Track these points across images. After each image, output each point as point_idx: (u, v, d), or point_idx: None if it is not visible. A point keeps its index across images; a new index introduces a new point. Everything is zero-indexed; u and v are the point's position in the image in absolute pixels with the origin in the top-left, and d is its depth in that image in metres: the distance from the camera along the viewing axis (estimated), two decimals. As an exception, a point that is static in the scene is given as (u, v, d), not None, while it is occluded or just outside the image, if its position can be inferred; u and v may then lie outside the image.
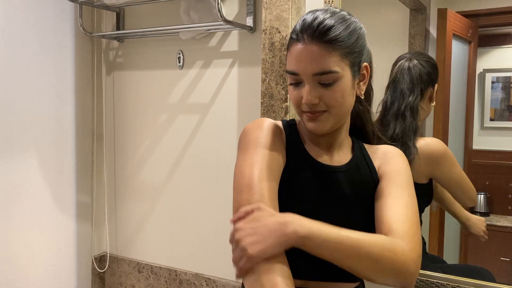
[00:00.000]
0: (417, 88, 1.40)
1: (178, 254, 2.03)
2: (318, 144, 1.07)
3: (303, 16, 0.98)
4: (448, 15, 1.49)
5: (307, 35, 0.93)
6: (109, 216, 2.21)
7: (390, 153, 1.09)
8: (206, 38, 1.88)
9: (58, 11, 1.97)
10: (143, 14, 2.04)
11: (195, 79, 1.92)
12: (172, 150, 2.01)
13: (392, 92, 1.42)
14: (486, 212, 1.58)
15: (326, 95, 0.95)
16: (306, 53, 0.93)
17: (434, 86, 1.44)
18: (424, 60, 1.43)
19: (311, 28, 0.93)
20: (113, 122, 2.19)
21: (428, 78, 1.42)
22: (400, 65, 1.43)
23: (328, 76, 0.93)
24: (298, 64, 0.94)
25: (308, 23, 0.94)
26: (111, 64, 2.17)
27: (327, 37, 0.92)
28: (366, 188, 1.05)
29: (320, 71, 0.93)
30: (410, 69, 1.41)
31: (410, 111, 1.39)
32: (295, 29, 0.97)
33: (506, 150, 1.53)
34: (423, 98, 1.42)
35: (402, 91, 1.40)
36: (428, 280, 1.42)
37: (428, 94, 1.43)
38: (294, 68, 0.96)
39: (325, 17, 0.94)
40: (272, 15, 1.55)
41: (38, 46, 1.91)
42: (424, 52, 1.51)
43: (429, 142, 1.43)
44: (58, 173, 2.02)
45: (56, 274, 2.04)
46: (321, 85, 0.95)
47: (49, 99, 1.96)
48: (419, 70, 1.41)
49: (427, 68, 1.42)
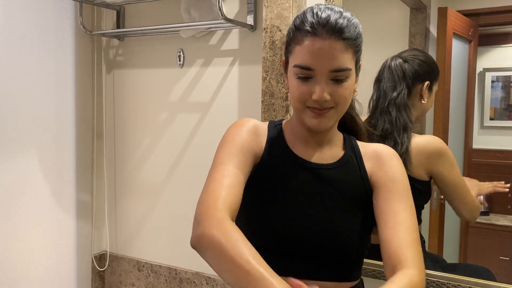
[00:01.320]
0: (400, 85, 1.40)
1: (178, 252, 2.03)
2: (307, 142, 1.06)
3: (309, 10, 0.97)
4: (448, 14, 1.49)
5: (325, 31, 0.92)
6: (109, 215, 2.21)
7: (382, 155, 1.06)
8: (207, 37, 1.88)
9: (58, 9, 1.97)
10: (144, 12, 2.04)
11: (196, 78, 1.92)
12: (172, 149, 2.01)
13: (376, 90, 1.45)
14: (486, 212, 1.59)
15: (336, 92, 0.95)
16: (326, 49, 0.92)
17: (423, 83, 1.43)
18: (412, 57, 1.43)
19: (329, 25, 0.92)
20: (113, 121, 2.19)
21: (415, 75, 1.42)
22: (384, 63, 1.45)
23: (344, 73, 0.94)
24: (315, 59, 0.93)
25: (324, 19, 0.92)
26: (112, 63, 2.17)
27: (344, 34, 0.93)
28: (354, 188, 1.04)
29: (339, 68, 0.93)
30: (391, 67, 1.42)
31: (394, 107, 1.39)
32: (306, 22, 0.94)
33: (506, 149, 1.54)
34: (411, 95, 1.42)
35: (384, 88, 1.42)
36: (428, 279, 1.42)
37: (418, 92, 1.44)
38: (309, 63, 0.93)
39: (339, 16, 0.94)
40: (273, 13, 1.55)
41: (38, 44, 1.91)
42: (420, 49, 1.51)
43: (429, 139, 1.44)
44: (58, 172, 2.02)
45: (56, 272, 2.04)
46: (334, 81, 0.95)
47: (49, 97, 1.96)
48: (402, 68, 1.42)
49: (414, 65, 1.42)
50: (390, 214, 0.97)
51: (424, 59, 1.44)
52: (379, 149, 1.08)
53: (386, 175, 1.03)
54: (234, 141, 1.01)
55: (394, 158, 1.06)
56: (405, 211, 0.98)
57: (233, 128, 1.04)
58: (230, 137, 1.02)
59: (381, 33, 1.65)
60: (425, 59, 1.45)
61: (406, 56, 1.44)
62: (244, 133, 1.03)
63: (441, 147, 1.42)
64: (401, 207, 0.98)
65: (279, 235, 0.98)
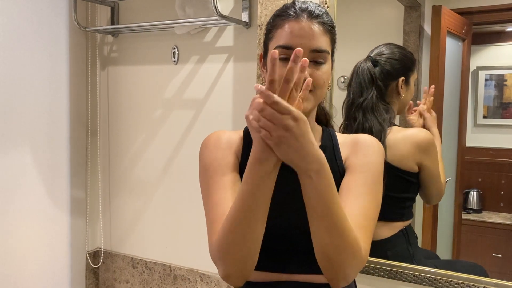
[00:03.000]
0: (367, 90, 1.43)
1: (173, 249, 2.03)
2: None
3: (289, 3, 1.01)
4: (442, 12, 1.50)
5: (306, 14, 0.97)
6: (103, 212, 2.21)
7: (361, 143, 1.04)
8: (201, 33, 1.88)
9: (52, 5, 1.96)
10: (138, 9, 2.04)
11: (190, 74, 1.92)
12: (167, 145, 2.01)
13: (347, 94, 1.49)
14: (479, 209, 1.60)
15: (315, 74, 0.96)
16: (306, 29, 0.95)
17: (397, 80, 1.45)
18: (383, 58, 1.46)
19: (308, 10, 0.97)
20: (107, 117, 2.18)
21: (387, 75, 1.45)
22: (354, 67, 1.48)
23: (323, 55, 0.97)
24: (296, 38, 0.95)
25: (304, 7, 0.98)
26: (106, 59, 2.16)
27: (323, 19, 0.98)
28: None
29: (318, 47, 0.96)
30: (358, 72, 1.46)
31: (361, 111, 1.43)
32: (287, 9, 0.99)
33: (498, 147, 1.55)
34: (387, 94, 1.45)
35: (352, 93, 1.46)
36: (421, 275, 1.43)
37: (394, 89, 1.46)
38: (291, 42, 0.95)
39: (316, 6, 1.00)
40: (267, 10, 1.55)
41: (32, 40, 1.90)
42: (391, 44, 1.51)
43: (417, 130, 1.47)
44: (52, 168, 2.02)
45: (50, 269, 2.04)
46: (313, 63, 0.96)
47: (43, 93, 1.95)
48: (370, 72, 1.44)
49: (385, 66, 1.45)
50: (352, 194, 0.96)
51: (396, 57, 1.46)
52: (361, 137, 1.07)
53: (359, 160, 1.01)
54: (212, 166, 1.02)
55: (373, 147, 1.03)
56: (367, 197, 0.96)
57: (205, 151, 1.06)
58: (208, 163, 1.03)
59: (375, 31, 1.65)
60: (396, 57, 1.46)
61: (376, 58, 1.46)
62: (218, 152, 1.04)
63: (430, 138, 1.45)
64: (365, 192, 0.96)
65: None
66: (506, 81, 1.53)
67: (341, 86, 1.60)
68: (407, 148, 1.42)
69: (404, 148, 1.42)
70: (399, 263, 1.47)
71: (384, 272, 1.49)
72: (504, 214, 1.55)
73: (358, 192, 0.96)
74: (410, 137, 1.44)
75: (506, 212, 1.55)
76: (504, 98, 1.54)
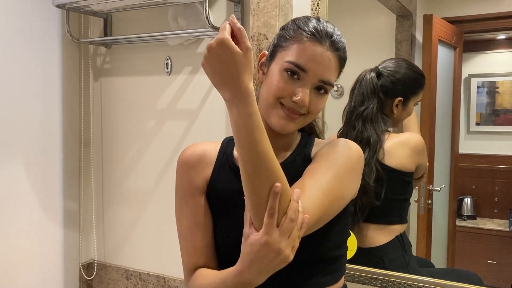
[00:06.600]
0: (369, 100, 1.46)
1: (167, 261, 2.01)
2: None
3: (311, 17, 0.99)
4: (433, 21, 1.51)
5: (329, 42, 0.95)
6: (96, 223, 2.19)
7: (333, 141, 1.02)
8: (194, 44, 1.88)
9: (45, 17, 1.96)
10: (131, 20, 2.04)
11: (183, 85, 1.92)
12: (160, 156, 2.00)
13: (349, 101, 1.51)
14: (473, 216, 1.60)
15: (314, 102, 0.96)
16: (325, 58, 0.95)
17: (393, 99, 1.47)
18: (388, 72, 1.47)
19: (333, 39, 0.96)
20: (100, 128, 2.17)
21: (385, 91, 1.47)
22: (360, 75, 1.50)
23: (328, 87, 0.98)
24: (312, 64, 0.94)
25: (330, 32, 0.96)
26: (99, 70, 2.16)
27: (342, 54, 0.98)
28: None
29: (328, 80, 0.96)
30: (363, 81, 1.48)
31: (360, 120, 1.46)
32: (311, 26, 0.96)
33: (491, 154, 1.56)
34: (384, 108, 1.47)
35: (354, 101, 1.49)
36: (415, 285, 1.42)
37: (389, 105, 1.48)
38: (305, 64, 0.94)
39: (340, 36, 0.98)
40: (259, 21, 1.55)
41: (25, 52, 1.89)
42: (403, 61, 1.52)
43: (410, 134, 1.52)
44: (45, 180, 2.00)
45: (43, 281, 2.02)
46: (316, 90, 0.96)
47: (36, 105, 1.95)
48: (373, 82, 1.46)
49: (387, 81, 1.47)
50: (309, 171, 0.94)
51: (398, 76, 1.47)
52: (333, 138, 1.08)
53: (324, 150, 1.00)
54: (181, 187, 1.08)
55: (341, 142, 1.02)
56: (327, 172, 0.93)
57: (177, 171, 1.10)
58: (177, 184, 1.09)
59: (368, 40, 1.66)
60: (400, 76, 1.47)
61: (382, 70, 1.47)
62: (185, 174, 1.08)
63: (421, 140, 1.50)
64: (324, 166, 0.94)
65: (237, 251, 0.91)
66: (498, 88, 1.54)
67: (334, 94, 1.60)
68: (406, 152, 1.48)
69: (402, 153, 1.48)
70: (394, 273, 1.46)
71: (378, 282, 1.48)
72: (498, 221, 1.56)
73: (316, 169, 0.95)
74: (407, 143, 1.50)
75: (500, 219, 1.55)
76: (496, 105, 1.55)
